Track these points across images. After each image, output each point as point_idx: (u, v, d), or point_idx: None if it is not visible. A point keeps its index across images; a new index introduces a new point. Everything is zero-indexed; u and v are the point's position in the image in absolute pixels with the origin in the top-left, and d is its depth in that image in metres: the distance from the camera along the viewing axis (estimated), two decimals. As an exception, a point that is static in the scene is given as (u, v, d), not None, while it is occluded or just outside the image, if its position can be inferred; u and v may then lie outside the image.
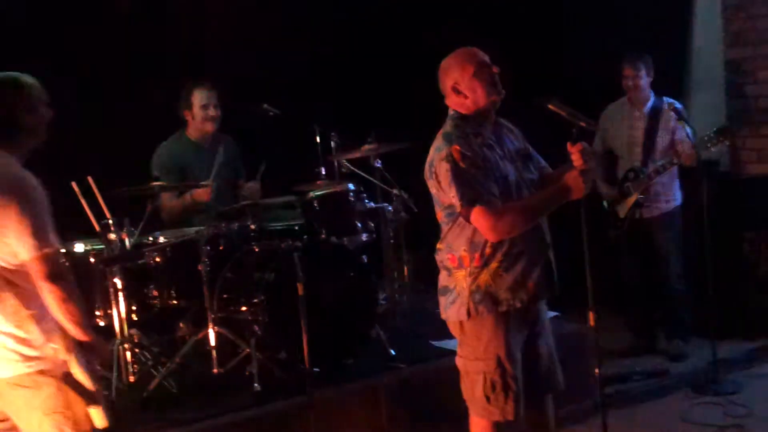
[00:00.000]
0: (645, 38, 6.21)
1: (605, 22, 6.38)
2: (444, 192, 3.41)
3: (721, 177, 6.15)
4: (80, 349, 3.08)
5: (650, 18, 6.36)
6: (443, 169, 3.38)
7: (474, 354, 3.52)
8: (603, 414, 3.48)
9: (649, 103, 5.58)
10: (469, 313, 3.45)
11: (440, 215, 3.55)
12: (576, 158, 3.31)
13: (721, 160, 6.16)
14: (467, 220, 3.36)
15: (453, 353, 4.83)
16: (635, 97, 5.61)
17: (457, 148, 3.35)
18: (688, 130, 5.28)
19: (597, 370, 3.44)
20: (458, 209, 3.35)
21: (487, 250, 3.39)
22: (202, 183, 5.00)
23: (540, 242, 3.48)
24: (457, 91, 3.47)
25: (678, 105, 5.52)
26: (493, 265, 3.40)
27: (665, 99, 5.59)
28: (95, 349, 3.15)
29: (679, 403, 4.98)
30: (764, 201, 6.00)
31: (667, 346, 5.66)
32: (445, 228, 3.53)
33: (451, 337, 5.08)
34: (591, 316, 3.41)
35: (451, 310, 3.55)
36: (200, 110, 5.20)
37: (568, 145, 3.32)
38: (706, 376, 5.18)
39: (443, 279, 3.59)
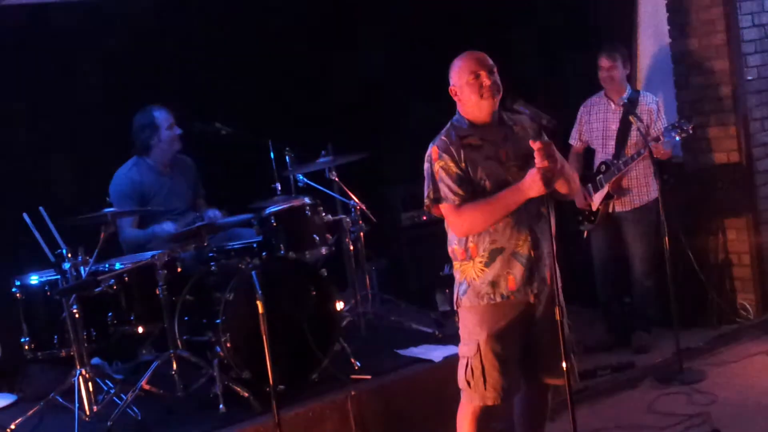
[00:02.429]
0: (591, 35, 6.29)
1: (548, 20, 6.44)
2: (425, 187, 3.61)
3: (677, 168, 6.20)
4: None
5: (595, 15, 6.43)
6: (425, 167, 3.60)
7: (462, 340, 3.69)
8: (571, 410, 3.48)
9: (625, 96, 5.59)
10: (457, 303, 3.67)
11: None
12: (536, 156, 3.39)
13: (674, 152, 6.20)
14: (436, 212, 3.58)
15: (419, 361, 4.90)
16: (611, 89, 5.62)
17: (435, 149, 3.56)
18: (663, 122, 5.36)
19: (564, 365, 3.44)
20: (426, 203, 3.58)
21: (471, 245, 3.57)
22: (166, 225, 4.96)
23: (523, 241, 3.54)
24: (454, 94, 3.64)
25: (651, 98, 5.60)
26: (477, 259, 3.56)
27: (641, 92, 5.65)
28: None
29: (646, 395, 5.03)
30: (720, 190, 6.06)
31: (632, 339, 5.68)
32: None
33: (416, 344, 5.15)
34: (557, 311, 3.44)
35: (453, 297, 3.74)
36: (167, 131, 5.14)
37: (530, 142, 3.41)
38: (670, 367, 5.22)
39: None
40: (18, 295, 4.54)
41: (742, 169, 6.03)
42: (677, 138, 5.34)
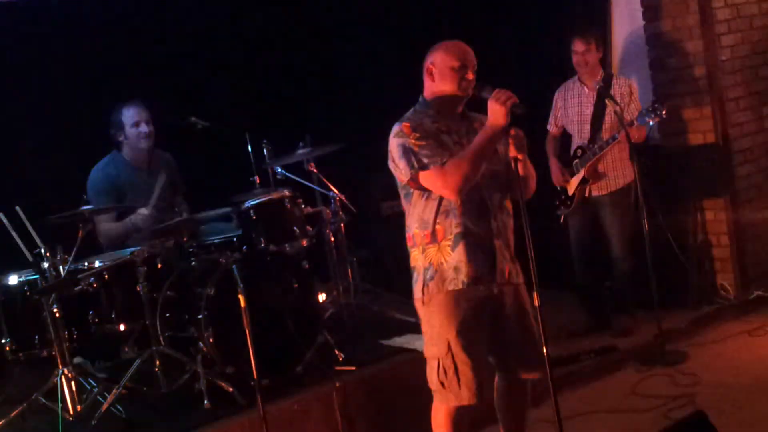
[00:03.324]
0: (565, 18, 6.28)
1: (525, 5, 6.43)
2: (397, 168, 3.55)
3: (653, 150, 6.22)
4: None
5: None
6: (394, 145, 3.54)
7: (429, 340, 3.64)
8: (554, 395, 3.49)
9: (599, 79, 5.57)
10: (422, 291, 3.58)
11: (402, 201, 3.69)
12: (492, 97, 3.41)
13: (651, 134, 6.22)
14: (418, 187, 3.50)
15: (403, 351, 4.90)
16: (585, 73, 5.60)
17: (407, 124, 3.53)
18: (635, 107, 5.39)
19: (545, 350, 3.44)
20: (406, 179, 3.50)
21: (437, 227, 3.52)
22: (140, 210, 4.92)
23: (487, 227, 3.53)
24: (429, 72, 3.60)
25: (625, 81, 5.60)
26: (444, 242, 3.52)
27: (616, 75, 5.66)
28: None
29: (629, 378, 5.06)
30: (697, 171, 6.10)
31: (614, 323, 5.71)
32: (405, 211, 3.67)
33: (400, 334, 5.15)
34: (536, 296, 3.44)
35: (414, 289, 3.65)
36: (132, 128, 5.09)
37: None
38: (653, 349, 5.25)
39: (410, 261, 3.69)
40: (-3, 296, 4.50)
41: (718, 150, 6.06)
42: (651, 123, 5.36)
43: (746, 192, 6.15)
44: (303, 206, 5.23)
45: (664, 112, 5.34)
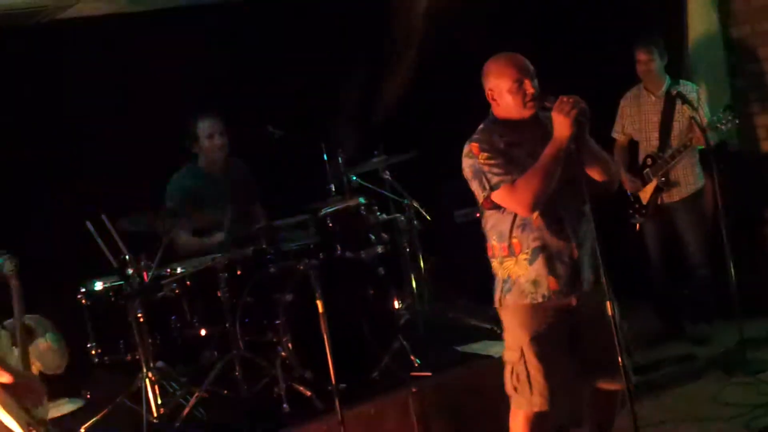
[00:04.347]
0: (641, 25, 6.22)
1: (598, 11, 6.38)
2: (471, 189, 3.57)
3: (733, 156, 6.12)
4: (3, 391, 2.91)
5: (644, 4, 6.36)
6: (466, 166, 3.55)
7: (507, 344, 3.66)
8: (631, 403, 3.45)
9: (664, 87, 5.56)
10: (500, 302, 3.60)
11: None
12: (555, 108, 3.39)
13: (730, 140, 6.13)
14: (494, 206, 3.51)
15: (479, 357, 4.91)
16: (650, 81, 5.59)
17: (475, 144, 3.51)
18: (703, 112, 5.32)
19: (620, 360, 3.41)
20: (481, 200, 3.52)
21: (514, 240, 3.51)
22: (216, 236, 5.01)
23: (566, 238, 3.50)
24: (491, 98, 3.58)
25: (691, 88, 5.54)
26: (521, 256, 3.51)
27: (680, 82, 5.59)
28: (21, 388, 2.98)
29: (710, 386, 4.96)
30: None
31: (692, 331, 5.64)
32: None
33: (475, 341, 5.15)
34: (608, 305, 3.41)
35: (495, 297, 3.68)
36: (206, 140, 5.22)
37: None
38: (734, 357, 5.16)
39: (492, 269, 3.71)
40: (83, 301, 4.64)
41: (799, 155, 5.95)
42: (723, 128, 5.31)
43: (828, 197, 6.02)
44: (378, 214, 5.28)
45: (736, 118, 5.28)
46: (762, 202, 6.05)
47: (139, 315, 4.46)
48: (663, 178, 5.44)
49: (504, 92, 3.51)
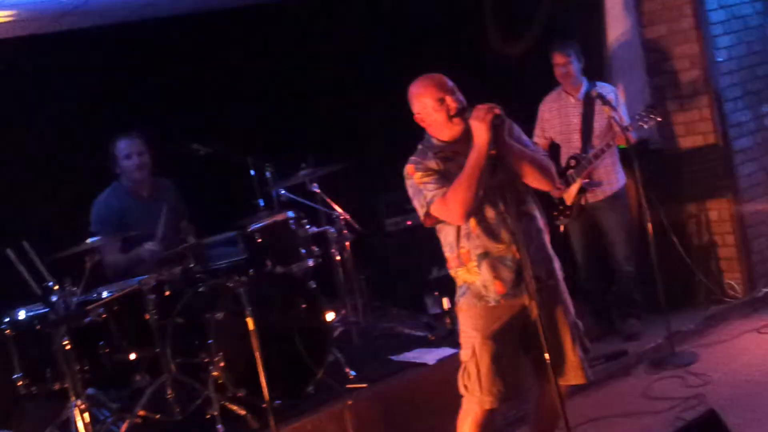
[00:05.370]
0: (560, 28, 6.31)
1: (516, 13, 6.46)
2: (414, 206, 3.64)
3: (654, 154, 6.25)
4: None
5: (563, 8, 6.45)
6: (407, 187, 3.64)
7: (461, 344, 3.71)
8: (561, 402, 3.49)
9: (583, 89, 5.65)
10: (456, 305, 3.72)
11: None
12: (472, 116, 3.46)
13: (651, 138, 6.25)
14: (436, 222, 3.60)
15: (414, 366, 4.92)
16: (568, 84, 5.68)
17: (411, 165, 3.61)
18: (623, 111, 5.42)
19: (546, 357, 3.45)
20: (422, 217, 3.60)
21: (462, 250, 3.60)
22: (147, 245, 4.96)
23: (504, 242, 3.56)
24: (420, 120, 3.65)
25: (608, 88, 5.63)
26: (470, 264, 3.60)
27: (598, 84, 5.68)
28: None
29: (640, 381, 5.07)
30: (699, 172, 6.12)
31: (622, 327, 5.73)
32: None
33: (409, 349, 5.17)
34: (533, 305, 3.46)
35: (454, 299, 3.78)
36: (124, 160, 5.15)
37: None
38: (663, 351, 5.26)
39: None
40: (7, 331, 4.52)
41: (719, 150, 6.08)
42: (645, 126, 5.42)
43: (749, 191, 6.16)
44: (308, 227, 5.27)
45: (658, 117, 5.40)
46: (685, 197, 6.18)
47: (66, 342, 4.35)
48: (587, 179, 5.53)
49: (429, 112, 3.59)
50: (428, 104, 3.57)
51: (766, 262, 6.16)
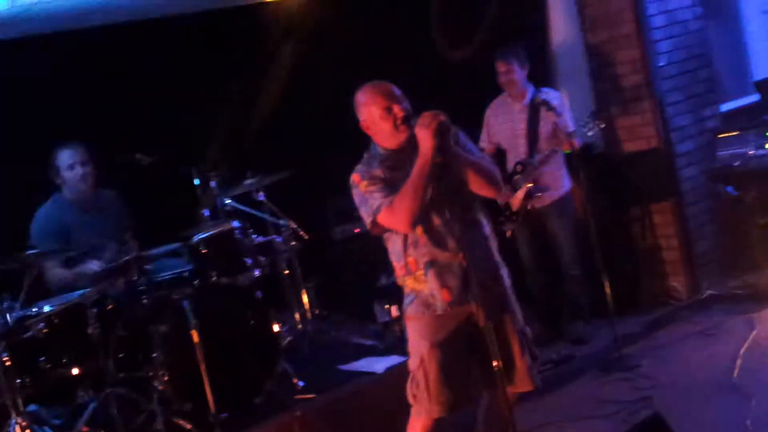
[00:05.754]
0: (505, 33, 6.34)
1: (462, 18, 6.48)
2: (361, 215, 3.60)
3: (598, 159, 6.31)
4: None
5: (507, 13, 6.49)
6: (354, 196, 3.60)
7: (409, 352, 3.69)
8: (509, 409, 3.48)
9: (528, 95, 5.67)
10: (404, 313, 3.69)
11: None
12: (417, 124, 3.42)
13: (595, 143, 6.31)
14: (383, 230, 3.58)
15: (363, 374, 4.90)
16: (512, 90, 5.70)
17: (357, 175, 3.58)
18: (568, 117, 5.46)
19: (495, 363, 3.44)
20: (369, 226, 3.56)
21: (409, 259, 3.58)
22: (91, 265, 4.86)
23: (450, 250, 3.54)
24: (366, 128, 3.62)
25: (553, 94, 5.67)
26: (418, 272, 3.58)
27: (543, 90, 5.71)
28: None
29: (589, 385, 5.10)
30: (642, 175, 6.19)
31: (569, 331, 5.76)
32: None
33: (358, 358, 5.15)
34: (480, 313, 3.44)
35: (402, 307, 3.76)
36: (67, 171, 5.04)
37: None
38: (610, 355, 5.30)
39: None
40: (-56, 348, 4.41)
41: (661, 154, 6.16)
42: (589, 132, 5.46)
43: (692, 194, 6.25)
44: (254, 236, 5.21)
45: (602, 123, 5.45)
46: (629, 201, 6.24)
47: (5, 358, 4.26)
48: (532, 185, 5.55)
49: (376, 120, 3.56)
50: (375, 113, 3.54)
51: (709, 264, 6.25)
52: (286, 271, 5.69)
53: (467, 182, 3.59)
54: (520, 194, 5.58)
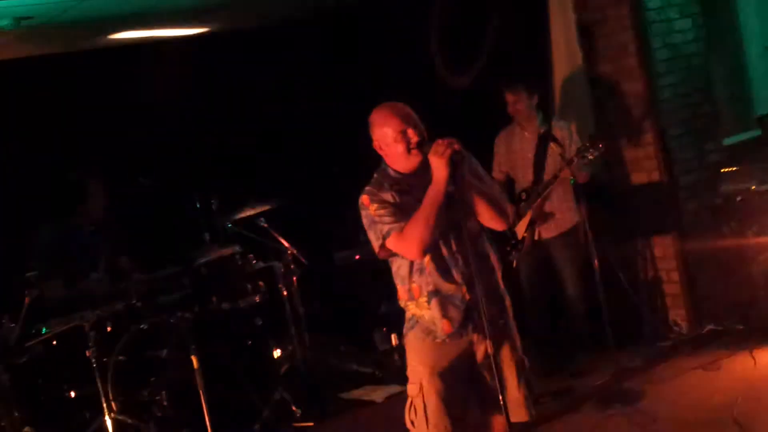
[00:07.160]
0: (507, 63, 6.37)
1: (465, 50, 6.51)
2: (369, 237, 3.56)
3: (603, 191, 6.30)
4: None
5: (509, 45, 6.51)
6: (363, 217, 3.55)
7: (409, 378, 3.64)
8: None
9: (538, 123, 5.68)
10: (405, 338, 3.65)
11: None
12: (431, 151, 3.41)
13: (597, 175, 6.30)
14: (390, 254, 3.53)
15: (361, 403, 4.88)
16: (521, 119, 5.71)
17: (366, 196, 3.53)
18: (576, 147, 5.47)
19: (501, 397, 3.42)
20: (377, 249, 3.53)
21: (413, 285, 3.55)
22: (92, 275, 4.85)
23: (454, 282, 3.52)
24: (379, 149, 3.58)
25: (564, 124, 5.69)
26: (421, 299, 3.55)
27: (554, 118, 5.73)
28: None
29: (588, 419, 5.04)
30: (644, 209, 6.18)
31: (569, 364, 5.73)
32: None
33: (357, 386, 5.13)
34: (488, 344, 3.43)
35: (403, 331, 3.70)
36: (92, 201, 5.06)
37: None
38: (610, 389, 5.26)
39: None
40: None
41: (663, 187, 6.14)
42: (590, 157, 5.45)
43: (693, 227, 6.23)
44: (254, 261, 5.21)
45: (601, 146, 5.43)
46: (631, 234, 6.23)
47: (4, 380, 4.24)
48: (537, 211, 5.54)
49: (389, 142, 3.53)
50: (389, 134, 3.51)
51: (710, 298, 6.22)
52: (286, 297, 5.66)
53: (476, 213, 3.58)
54: (524, 221, 5.57)
